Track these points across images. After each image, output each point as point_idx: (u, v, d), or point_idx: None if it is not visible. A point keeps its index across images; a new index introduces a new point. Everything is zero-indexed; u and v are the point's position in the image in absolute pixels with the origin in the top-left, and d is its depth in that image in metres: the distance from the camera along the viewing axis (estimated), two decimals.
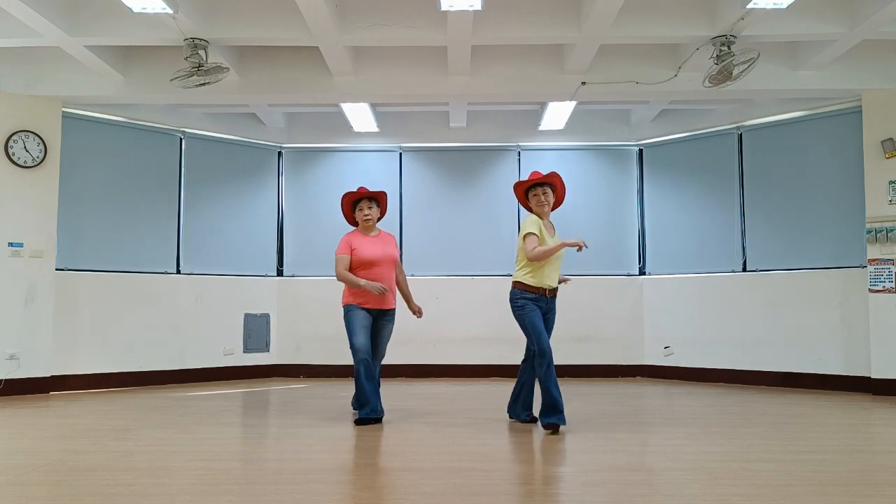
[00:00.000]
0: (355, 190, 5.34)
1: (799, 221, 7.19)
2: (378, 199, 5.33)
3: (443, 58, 6.67)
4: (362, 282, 5.02)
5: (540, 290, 4.75)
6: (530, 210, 4.91)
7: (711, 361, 7.65)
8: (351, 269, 5.13)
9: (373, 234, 5.29)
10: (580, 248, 4.53)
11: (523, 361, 5.01)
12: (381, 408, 5.11)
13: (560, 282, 4.94)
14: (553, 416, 4.59)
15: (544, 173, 4.89)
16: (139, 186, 7.52)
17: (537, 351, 4.64)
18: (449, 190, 8.55)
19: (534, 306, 4.73)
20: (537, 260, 4.65)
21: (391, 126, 8.49)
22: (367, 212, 5.25)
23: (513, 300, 4.80)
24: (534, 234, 4.67)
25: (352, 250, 5.15)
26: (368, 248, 5.17)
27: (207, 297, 7.85)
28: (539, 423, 4.70)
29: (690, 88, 6.61)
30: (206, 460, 3.87)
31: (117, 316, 7.21)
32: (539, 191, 4.84)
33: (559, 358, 8.08)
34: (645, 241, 8.40)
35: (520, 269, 4.80)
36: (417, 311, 5.40)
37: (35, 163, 6.70)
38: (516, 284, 4.81)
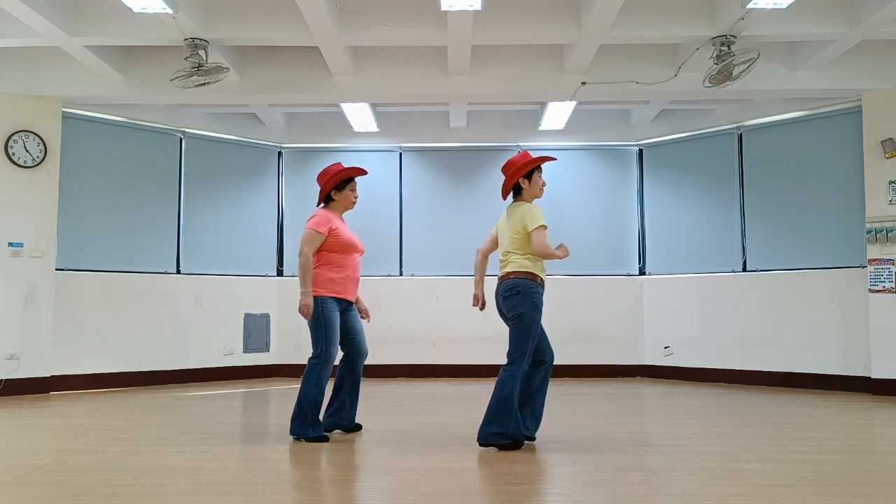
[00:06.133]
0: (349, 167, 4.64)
1: (799, 221, 7.19)
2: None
3: (443, 58, 6.67)
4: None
5: (543, 286, 4.19)
6: (515, 189, 4.31)
7: (711, 361, 7.65)
8: (320, 255, 4.41)
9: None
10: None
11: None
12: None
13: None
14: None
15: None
16: (139, 186, 7.52)
17: (517, 367, 4.08)
18: (449, 190, 8.55)
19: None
20: (542, 258, 4.10)
21: (391, 126, 8.49)
22: (356, 193, 4.64)
23: (528, 293, 4.05)
24: (545, 227, 4.10)
25: (330, 231, 4.40)
26: (349, 232, 4.53)
27: (207, 297, 7.85)
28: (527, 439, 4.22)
29: (690, 88, 6.61)
30: (205, 460, 3.87)
31: (117, 316, 7.21)
32: (539, 173, 4.32)
33: (559, 358, 8.11)
34: (645, 241, 8.40)
35: (523, 256, 4.12)
36: (364, 312, 4.71)
37: (35, 163, 6.70)
38: (529, 275, 4.08)
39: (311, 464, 3.82)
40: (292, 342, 8.24)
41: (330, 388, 4.60)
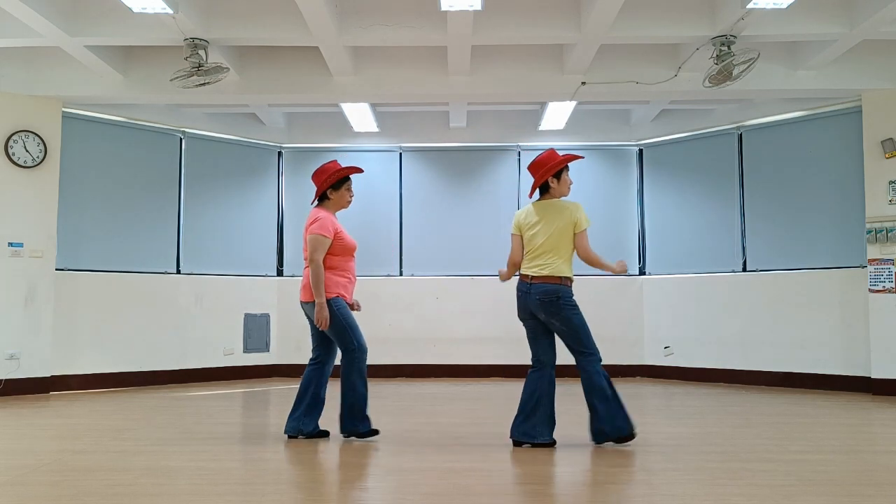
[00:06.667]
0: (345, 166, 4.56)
1: (799, 221, 7.19)
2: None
3: (443, 58, 6.67)
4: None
5: None
6: (542, 187, 4.31)
7: (711, 361, 7.65)
8: (326, 259, 4.30)
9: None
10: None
11: (534, 370, 4.34)
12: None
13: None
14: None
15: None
16: (139, 186, 7.52)
17: (596, 357, 4.28)
18: (449, 190, 8.55)
19: None
20: (588, 261, 4.24)
21: (391, 126, 8.49)
22: (352, 193, 4.54)
23: (566, 299, 4.17)
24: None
25: (335, 234, 4.32)
26: (348, 234, 4.44)
27: (207, 297, 7.85)
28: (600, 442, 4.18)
29: (690, 88, 6.61)
30: (206, 460, 3.86)
31: (117, 316, 7.21)
32: (567, 172, 4.35)
33: (559, 358, 8.11)
34: (645, 241, 8.40)
35: (563, 261, 4.19)
36: (356, 304, 4.57)
37: (35, 163, 6.69)
38: (564, 280, 4.18)
39: (311, 464, 3.82)
40: (292, 342, 8.23)
41: (294, 392, 4.57)
